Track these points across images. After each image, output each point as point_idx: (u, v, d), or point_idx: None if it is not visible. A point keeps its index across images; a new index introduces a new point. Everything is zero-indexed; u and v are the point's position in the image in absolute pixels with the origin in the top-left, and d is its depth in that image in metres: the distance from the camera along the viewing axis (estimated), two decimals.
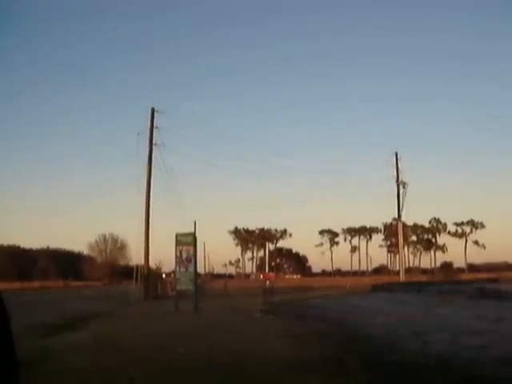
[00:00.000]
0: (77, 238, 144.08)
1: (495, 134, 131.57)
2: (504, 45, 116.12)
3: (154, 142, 36.37)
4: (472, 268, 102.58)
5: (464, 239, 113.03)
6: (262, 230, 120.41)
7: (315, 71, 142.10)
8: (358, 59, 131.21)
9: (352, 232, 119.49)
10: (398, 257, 69.01)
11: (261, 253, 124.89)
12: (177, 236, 22.55)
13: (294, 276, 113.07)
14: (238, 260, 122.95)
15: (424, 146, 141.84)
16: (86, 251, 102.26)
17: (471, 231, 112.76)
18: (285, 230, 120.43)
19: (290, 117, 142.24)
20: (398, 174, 51.81)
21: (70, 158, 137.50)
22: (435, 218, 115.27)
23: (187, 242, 22.29)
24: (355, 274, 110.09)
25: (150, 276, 35.33)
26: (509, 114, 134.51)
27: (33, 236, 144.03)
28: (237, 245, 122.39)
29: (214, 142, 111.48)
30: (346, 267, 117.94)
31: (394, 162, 52.31)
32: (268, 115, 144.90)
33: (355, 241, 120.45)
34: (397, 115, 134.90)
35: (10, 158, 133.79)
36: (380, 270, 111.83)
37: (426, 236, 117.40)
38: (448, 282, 48.25)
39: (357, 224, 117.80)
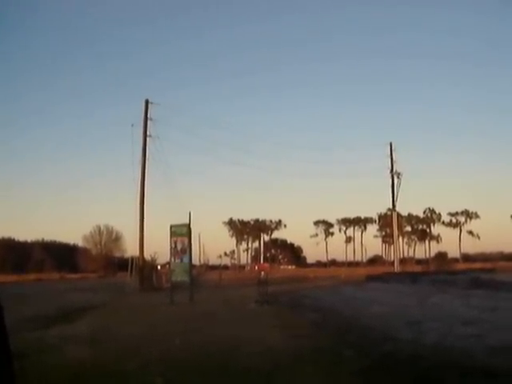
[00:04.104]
0: (72, 230, 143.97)
1: (491, 123, 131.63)
2: (503, 24, 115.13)
3: (148, 133, 36.32)
4: (466, 258, 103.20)
5: (458, 229, 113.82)
6: (257, 221, 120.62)
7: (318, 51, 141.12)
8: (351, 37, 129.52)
9: (347, 222, 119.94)
10: (392, 247, 69.33)
11: (256, 244, 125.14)
12: (171, 227, 22.53)
13: (289, 267, 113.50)
14: (233, 251, 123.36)
15: (419, 136, 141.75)
16: (81, 243, 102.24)
17: (466, 221, 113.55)
18: (279, 221, 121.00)
19: (283, 106, 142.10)
20: (392, 164, 52.02)
21: (65, 149, 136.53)
22: (430, 209, 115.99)
23: (182, 233, 22.28)
24: (350, 264, 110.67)
25: (145, 268, 35.31)
26: (506, 101, 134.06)
27: (27, 228, 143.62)
28: (232, 236, 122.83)
29: (210, 133, 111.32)
30: (340, 258, 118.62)
31: (389, 153, 52.54)
32: (262, 103, 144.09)
33: (350, 231, 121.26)
34: (392, 105, 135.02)
35: (3, 150, 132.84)
36: (375, 261, 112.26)
37: (420, 226, 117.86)
38: (443, 271, 48.56)
39: (351, 214, 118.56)
